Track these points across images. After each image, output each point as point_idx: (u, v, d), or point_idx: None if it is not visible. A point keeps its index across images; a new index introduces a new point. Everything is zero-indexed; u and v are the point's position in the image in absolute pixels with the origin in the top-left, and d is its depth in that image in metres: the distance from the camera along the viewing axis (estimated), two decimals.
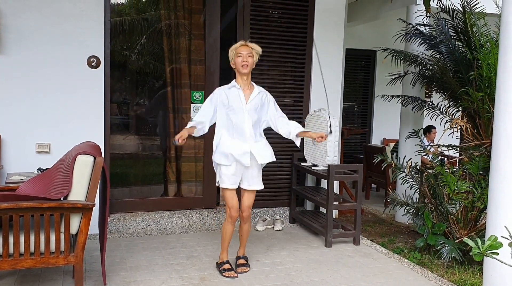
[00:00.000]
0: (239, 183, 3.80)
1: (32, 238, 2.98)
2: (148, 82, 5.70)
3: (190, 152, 5.27)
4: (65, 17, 4.44)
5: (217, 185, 3.88)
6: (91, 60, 4.52)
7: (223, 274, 3.74)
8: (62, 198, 3.10)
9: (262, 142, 3.82)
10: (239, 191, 3.84)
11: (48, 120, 4.46)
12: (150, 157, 5.56)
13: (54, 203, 2.97)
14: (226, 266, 3.80)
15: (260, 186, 3.86)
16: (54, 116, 4.47)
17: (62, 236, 3.05)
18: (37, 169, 4.18)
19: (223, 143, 3.71)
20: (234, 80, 3.78)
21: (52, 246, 3.03)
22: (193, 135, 3.69)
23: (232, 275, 3.72)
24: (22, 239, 2.97)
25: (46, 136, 4.45)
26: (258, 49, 3.75)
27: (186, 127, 3.69)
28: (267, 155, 3.81)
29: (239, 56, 3.66)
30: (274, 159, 3.88)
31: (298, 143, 3.94)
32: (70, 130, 4.49)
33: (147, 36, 5.35)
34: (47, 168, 4.13)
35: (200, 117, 3.72)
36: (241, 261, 3.91)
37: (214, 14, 5.06)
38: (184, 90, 5.18)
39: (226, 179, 3.72)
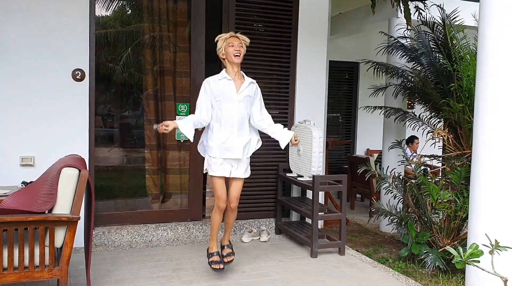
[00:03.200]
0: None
1: (16, 252, 2.95)
2: (132, 94, 5.70)
3: (175, 164, 5.27)
4: (50, 30, 4.44)
5: (204, 172, 3.93)
6: (76, 73, 4.52)
7: (212, 266, 3.84)
8: (46, 212, 3.08)
9: (252, 134, 3.89)
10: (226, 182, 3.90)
11: (32, 133, 4.43)
12: (135, 170, 5.54)
13: (39, 216, 2.95)
14: (216, 258, 3.88)
15: (247, 174, 3.91)
16: (38, 129, 4.45)
17: (47, 250, 3.03)
18: (21, 183, 4.14)
19: (212, 135, 3.75)
20: (224, 70, 3.80)
21: (37, 260, 3.00)
22: (180, 130, 3.69)
23: (219, 267, 3.83)
24: (5, 253, 2.94)
25: (30, 149, 4.42)
26: (247, 40, 3.80)
27: (176, 120, 3.72)
28: (251, 148, 3.89)
29: (231, 45, 3.69)
30: (256, 149, 3.94)
31: (282, 142, 3.93)
32: (54, 143, 4.46)
33: (132, 48, 5.36)
34: (31, 182, 4.10)
35: (200, 112, 3.74)
36: (227, 250, 4.00)
37: (199, 27, 5.10)
38: (168, 102, 5.19)
39: (216, 167, 3.76)
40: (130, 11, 5.63)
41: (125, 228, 4.85)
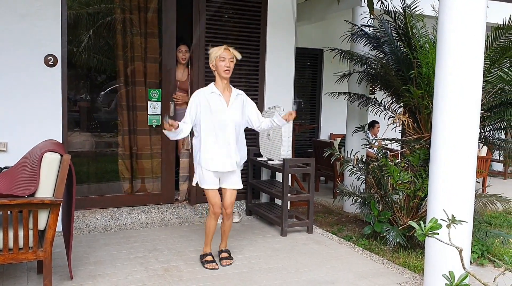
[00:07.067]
0: (220, 183, 3.91)
1: (0, 235, 3.03)
2: (105, 80, 5.73)
3: (147, 149, 5.36)
4: (21, 16, 4.41)
5: (193, 185, 4.01)
6: (48, 59, 4.52)
7: (205, 266, 3.89)
8: (26, 196, 3.14)
9: (241, 145, 3.97)
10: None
11: (5, 119, 4.43)
12: (108, 155, 5.60)
13: (23, 200, 3.03)
14: (209, 258, 3.94)
15: (240, 186, 4.00)
16: (11, 115, 4.45)
17: (31, 232, 3.12)
18: None
19: (207, 148, 3.80)
20: (213, 83, 3.87)
21: (21, 242, 3.09)
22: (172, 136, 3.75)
23: (213, 267, 3.86)
24: None
25: (3, 135, 4.42)
26: (237, 55, 3.85)
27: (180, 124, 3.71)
28: (243, 159, 4.02)
29: (222, 60, 3.75)
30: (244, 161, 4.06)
31: (280, 122, 4.01)
32: (27, 128, 4.47)
33: (97, 32, 5.36)
34: (5, 167, 4.12)
35: (185, 121, 3.78)
36: (225, 254, 4.04)
37: (170, 13, 5.17)
38: (139, 88, 5.26)
39: (208, 180, 3.84)
40: None
41: (99, 212, 4.94)
